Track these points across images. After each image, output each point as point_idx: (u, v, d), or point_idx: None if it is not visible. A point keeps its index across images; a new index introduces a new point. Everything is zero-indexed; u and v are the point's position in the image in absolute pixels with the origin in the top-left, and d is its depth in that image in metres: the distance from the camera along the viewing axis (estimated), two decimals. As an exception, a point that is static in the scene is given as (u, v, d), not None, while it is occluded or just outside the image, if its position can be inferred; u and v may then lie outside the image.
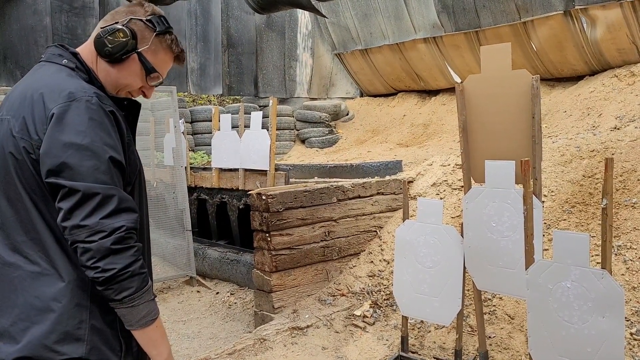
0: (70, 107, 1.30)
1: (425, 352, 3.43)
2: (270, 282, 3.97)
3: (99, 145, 1.29)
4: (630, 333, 3.03)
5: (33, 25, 8.07)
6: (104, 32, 1.44)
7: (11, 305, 1.32)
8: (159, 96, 7.46)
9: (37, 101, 1.33)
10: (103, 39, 1.44)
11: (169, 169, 6.02)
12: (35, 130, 1.30)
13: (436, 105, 9.59)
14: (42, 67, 1.45)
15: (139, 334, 1.37)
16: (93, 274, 1.26)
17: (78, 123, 1.29)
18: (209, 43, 10.06)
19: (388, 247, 4.36)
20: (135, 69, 1.50)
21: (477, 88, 3.04)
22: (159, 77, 1.54)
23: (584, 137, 4.75)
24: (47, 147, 1.27)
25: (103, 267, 1.25)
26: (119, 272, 1.26)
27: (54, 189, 1.28)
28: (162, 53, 1.53)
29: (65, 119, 1.29)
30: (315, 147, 9.83)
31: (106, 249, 1.25)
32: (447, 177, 4.76)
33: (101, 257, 1.25)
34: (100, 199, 1.26)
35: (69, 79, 1.38)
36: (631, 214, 3.68)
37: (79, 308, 1.32)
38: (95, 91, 1.36)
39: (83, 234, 1.25)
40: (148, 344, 1.38)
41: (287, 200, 4.02)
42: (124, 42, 1.45)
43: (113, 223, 1.26)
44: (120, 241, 1.26)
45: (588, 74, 7.82)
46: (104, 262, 1.25)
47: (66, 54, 1.46)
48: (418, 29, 9.40)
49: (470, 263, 3.07)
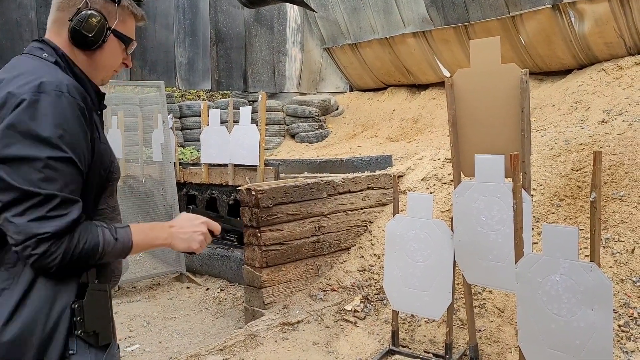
0: (38, 99, 1.24)
1: (416, 346, 3.44)
2: (261, 277, 3.96)
3: (56, 143, 1.23)
4: (618, 325, 3.05)
5: (18, 20, 7.96)
6: (77, 23, 1.39)
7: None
8: (147, 91, 7.40)
9: (5, 84, 1.28)
10: (81, 31, 1.40)
11: (158, 164, 5.97)
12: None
13: (426, 99, 9.60)
14: (19, 59, 1.41)
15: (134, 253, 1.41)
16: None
17: (41, 119, 1.22)
18: (198, 38, 9.98)
19: (378, 242, 4.36)
20: (115, 47, 1.48)
21: (467, 82, 3.04)
22: (134, 43, 1.54)
23: (572, 130, 4.78)
24: (1, 135, 1.21)
25: (36, 261, 1.23)
26: (60, 262, 1.24)
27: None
28: (128, 20, 1.51)
29: (28, 112, 1.22)
30: (305, 142, 9.80)
31: (29, 255, 1.22)
32: (437, 171, 4.77)
33: (31, 259, 1.23)
34: (37, 201, 1.21)
35: (45, 69, 1.33)
36: (619, 207, 3.70)
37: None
38: (68, 84, 1.30)
39: (11, 230, 1.21)
40: (147, 249, 1.44)
41: (277, 195, 4.01)
42: (100, 26, 1.41)
43: (40, 228, 1.20)
44: (43, 249, 1.22)
45: (576, 68, 7.86)
46: (34, 260, 1.23)
47: (46, 48, 1.42)
48: (407, 23, 9.39)
49: (460, 257, 3.07)
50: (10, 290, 1.26)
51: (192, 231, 1.51)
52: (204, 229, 1.54)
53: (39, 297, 1.27)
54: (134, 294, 5.27)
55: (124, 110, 6.73)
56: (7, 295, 1.26)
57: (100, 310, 1.36)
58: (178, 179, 6.03)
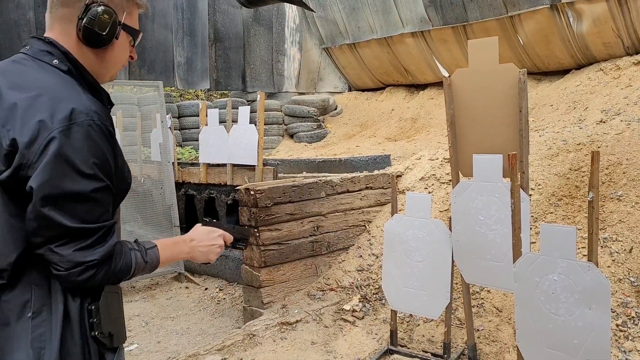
0: (71, 132, 1.21)
1: (414, 345, 3.44)
2: (259, 277, 3.96)
3: (95, 174, 1.24)
4: (616, 324, 3.06)
5: (16, 20, 7.95)
6: (89, 21, 1.31)
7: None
8: (146, 91, 7.39)
9: (28, 108, 1.22)
10: (94, 29, 1.33)
11: (156, 164, 5.97)
12: (24, 142, 1.20)
13: (424, 99, 9.61)
14: (26, 64, 1.32)
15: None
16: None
17: (78, 152, 1.21)
18: (196, 37, 9.98)
19: (377, 242, 4.36)
20: (124, 41, 1.43)
21: (465, 82, 3.04)
22: (140, 34, 1.49)
23: (570, 130, 4.78)
24: (46, 176, 1.19)
25: (78, 285, 1.26)
26: (99, 284, 1.28)
27: (43, 218, 1.21)
28: (134, 11, 1.45)
29: (65, 146, 1.20)
30: (303, 142, 9.80)
31: (73, 280, 1.24)
32: (436, 171, 4.78)
33: (72, 284, 1.25)
34: (82, 234, 1.23)
35: (67, 89, 1.28)
36: (617, 207, 3.71)
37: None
38: (96, 109, 1.27)
39: (55, 259, 1.22)
40: (170, 263, 1.53)
41: (275, 195, 4.01)
42: (112, 22, 1.35)
43: (86, 256, 1.23)
44: (89, 275, 1.25)
45: (574, 68, 7.86)
46: (75, 285, 1.26)
47: (56, 52, 1.33)
48: (406, 23, 9.40)
49: (459, 256, 3.08)
50: (46, 307, 1.27)
51: (210, 244, 1.60)
52: (221, 241, 1.63)
53: (76, 310, 1.30)
54: (133, 294, 5.27)
55: (122, 110, 6.73)
56: (47, 315, 1.27)
57: (114, 311, 1.37)
58: (176, 178, 6.03)
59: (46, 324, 1.25)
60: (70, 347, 1.27)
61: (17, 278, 1.25)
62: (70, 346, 1.27)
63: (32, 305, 1.25)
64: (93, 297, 1.32)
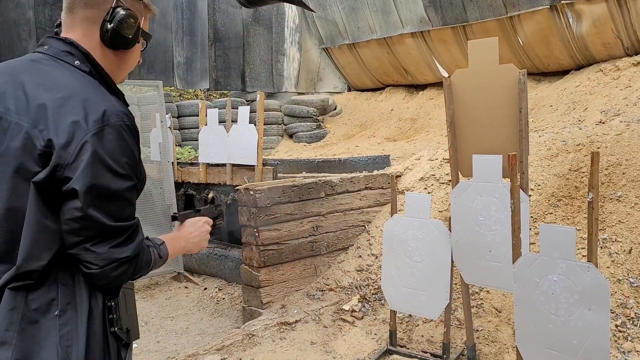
0: (104, 133, 1.24)
1: (414, 345, 3.44)
2: (259, 277, 3.96)
3: (127, 173, 1.28)
4: (615, 325, 3.06)
5: (16, 19, 7.94)
6: (117, 24, 1.33)
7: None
8: (146, 91, 7.38)
9: (58, 109, 1.24)
10: (121, 32, 1.34)
11: (156, 164, 5.97)
12: (61, 143, 1.22)
13: (424, 99, 9.61)
14: (48, 64, 1.32)
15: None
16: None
17: (112, 153, 1.24)
18: (196, 37, 9.97)
19: (376, 242, 4.36)
20: (139, 45, 1.46)
21: (465, 82, 3.04)
22: (151, 38, 1.52)
23: (570, 131, 4.79)
24: (88, 177, 1.21)
25: (110, 282, 1.30)
26: (127, 279, 1.35)
27: (86, 219, 1.23)
28: (147, 15, 1.48)
29: (100, 148, 1.23)
30: (303, 142, 9.80)
31: (107, 276, 1.27)
32: (435, 171, 4.78)
33: (105, 280, 1.28)
34: (117, 232, 1.27)
35: (95, 91, 1.30)
36: (616, 207, 3.71)
37: (12, 312, 1.25)
38: (124, 111, 1.30)
39: (90, 257, 1.25)
40: (172, 258, 1.56)
41: (275, 195, 4.01)
42: (137, 25, 1.38)
43: (121, 253, 1.27)
44: (122, 271, 1.29)
45: (574, 69, 7.87)
46: (108, 281, 1.30)
47: (77, 53, 1.34)
48: (405, 23, 9.40)
49: (458, 257, 3.08)
50: (72, 305, 1.29)
51: (199, 232, 1.68)
52: (207, 227, 1.71)
53: (99, 307, 1.33)
54: (132, 294, 5.26)
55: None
56: (73, 313, 1.28)
57: (130, 307, 1.41)
58: (176, 178, 6.03)
59: (72, 322, 1.27)
60: (94, 344, 1.29)
61: (45, 278, 1.27)
62: (94, 343, 1.30)
63: (58, 304, 1.27)
64: (112, 294, 1.36)
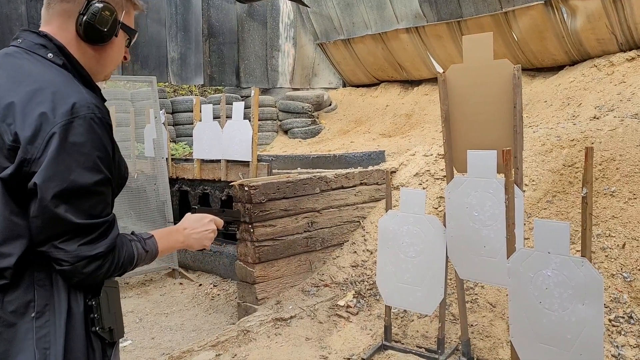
0: (73, 126, 1.20)
1: (409, 341, 3.45)
2: (254, 273, 3.96)
3: (98, 167, 1.23)
4: (609, 319, 3.08)
5: (8, 14, 7.88)
6: (91, 16, 1.31)
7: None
8: (139, 86, 7.35)
9: (28, 102, 1.21)
10: (95, 25, 1.31)
11: (150, 160, 5.95)
12: (27, 137, 1.18)
13: (419, 95, 9.60)
14: (21, 58, 1.30)
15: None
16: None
17: (81, 146, 1.20)
18: (190, 32, 9.92)
19: (371, 238, 4.36)
20: (121, 40, 1.42)
21: (459, 78, 3.04)
22: (136, 33, 1.48)
23: (564, 126, 4.80)
24: (51, 172, 1.18)
25: (83, 278, 1.26)
26: (104, 277, 1.29)
27: (48, 215, 1.19)
28: (131, 11, 1.44)
29: (68, 140, 1.19)
30: (298, 138, 9.78)
31: (79, 273, 1.23)
32: (430, 167, 4.78)
33: (78, 277, 1.25)
34: (87, 229, 1.23)
35: (67, 84, 1.27)
36: (610, 203, 3.73)
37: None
38: (96, 103, 1.26)
39: (59, 255, 1.22)
40: (168, 253, 1.52)
41: (269, 191, 4.00)
42: (113, 19, 1.35)
43: (91, 250, 1.23)
44: (94, 267, 1.25)
45: (568, 64, 7.88)
46: (81, 278, 1.25)
47: (50, 46, 1.31)
48: (400, 18, 9.38)
49: (453, 252, 3.08)
50: (50, 307, 1.26)
51: (203, 230, 1.61)
52: (213, 226, 1.65)
53: (79, 307, 1.30)
54: (127, 290, 5.25)
55: (115, 105, 6.69)
56: (51, 315, 1.25)
57: (114, 306, 1.38)
58: (170, 174, 6.01)
59: (50, 323, 1.24)
60: (74, 345, 1.26)
61: (20, 277, 1.24)
62: (74, 344, 1.27)
63: (35, 305, 1.24)
64: (93, 293, 1.32)
